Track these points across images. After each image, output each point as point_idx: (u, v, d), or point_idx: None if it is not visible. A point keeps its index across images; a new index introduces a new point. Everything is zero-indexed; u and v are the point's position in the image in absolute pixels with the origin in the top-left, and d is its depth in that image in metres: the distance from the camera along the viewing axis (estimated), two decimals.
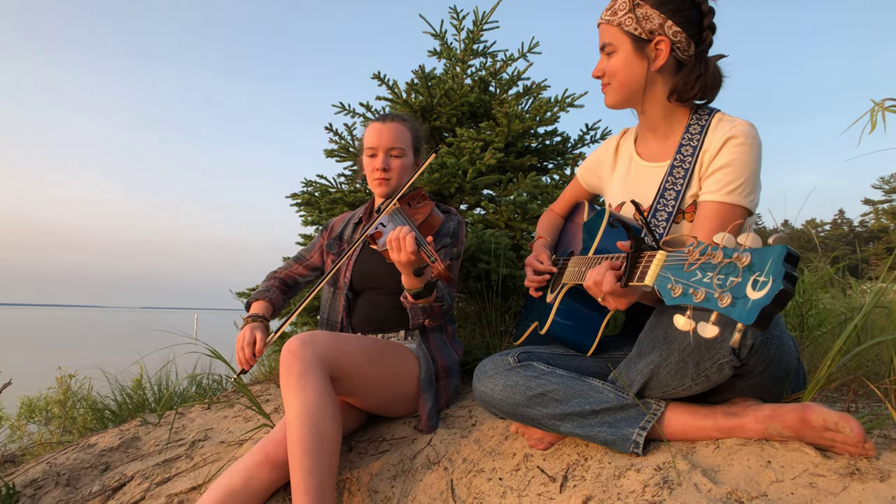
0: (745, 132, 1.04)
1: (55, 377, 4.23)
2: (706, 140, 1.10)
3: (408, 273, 1.31)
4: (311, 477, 1.10)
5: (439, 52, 3.00)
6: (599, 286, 0.88)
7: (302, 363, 1.19)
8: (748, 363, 0.86)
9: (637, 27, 1.09)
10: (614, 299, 0.90)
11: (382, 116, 1.64)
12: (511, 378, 1.11)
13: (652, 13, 1.08)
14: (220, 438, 1.81)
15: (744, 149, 1.04)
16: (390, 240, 1.26)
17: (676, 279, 0.68)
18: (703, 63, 1.11)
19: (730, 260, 0.61)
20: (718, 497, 0.77)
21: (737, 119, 1.09)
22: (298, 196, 2.79)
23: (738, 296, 0.59)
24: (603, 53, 1.16)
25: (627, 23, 1.10)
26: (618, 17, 1.11)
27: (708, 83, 1.11)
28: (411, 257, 1.24)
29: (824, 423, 0.80)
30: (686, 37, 1.09)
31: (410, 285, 1.35)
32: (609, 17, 1.13)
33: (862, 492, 0.71)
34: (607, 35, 1.14)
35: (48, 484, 1.72)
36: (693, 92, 1.11)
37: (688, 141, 1.13)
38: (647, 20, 1.09)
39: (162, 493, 1.48)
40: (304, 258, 1.76)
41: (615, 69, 1.14)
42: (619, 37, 1.12)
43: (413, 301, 1.38)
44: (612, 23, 1.12)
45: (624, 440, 0.97)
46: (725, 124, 1.09)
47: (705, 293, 0.62)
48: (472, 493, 1.13)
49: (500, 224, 2.29)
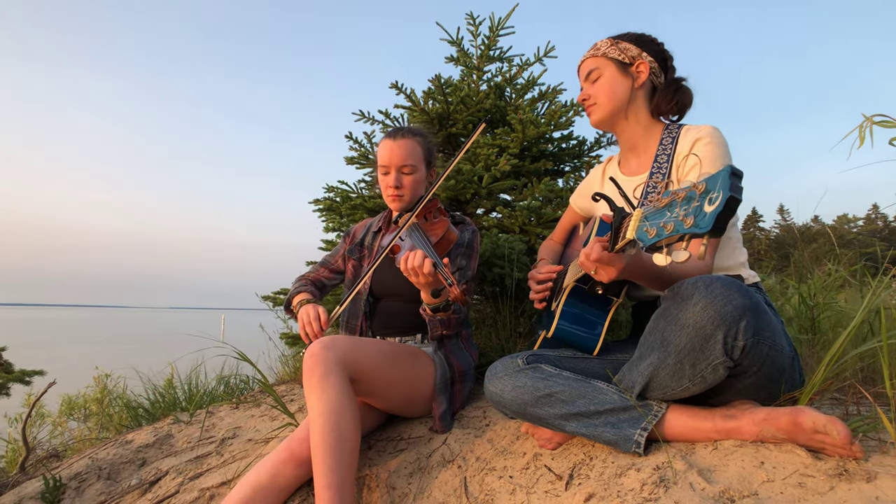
0: (709, 133, 1.20)
1: (93, 377, 4.42)
2: (678, 147, 1.24)
3: (424, 291, 1.39)
4: (333, 473, 1.17)
5: (456, 58, 3.07)
6: (589, 257, 0.95)
7: (323, 366, 1.26)
8: (742, 363, 0.90)
9: (620, 54, 1.30)
10: (603, 267, 0.96)
11: (394, 132, 1.68)
12: (520, 379, 1.16)
13: (630, 46, 1.31)
14: (248, 436, 1.91)
15: (710, 146, 1.18)
16: (404, 262, 1.32)
17: (651, 223, 0.77)
18: (675, 83, 1.32)
19: (688, 191, 0.72)
20: (711, 496, 0.81)
21: (701, 125, 1.24)
22: (321, 202, 2.89)
23: (698, 214, 0.69)
24: (587, 82, 1.34)
25: (611, 52, 1.30)
26: (601, 50, 1.32)
27: (685, 100, 1.32)
28: (428, 279, 1.32)
29: (814, 426, 0.83)
30: (658, 67, 1.32)
31: (429, 301, 1.42)
32: (593, 52, 1.34)
33: (848, 492, 0.75)
34: (592, 64, 1.33)
35: (91, 477, 1.84)
36: (671, 105, 1.29)
37: (662, 151, 1.26)
38: (628, 50, 1.31)
39: (195, 487, 1.58)
40: (329, 263, 1.85)
41: (600, 89, 1.31)
42: (604, 62, 1.31)
43: (431, 314, 1.46)
44: (596, 55, 1.33)
45: (626, 440, 1.02)
46: (692, 131, 1.23)
47: (674, 224, 0.72)
48: (484, 490, 1.19)
49: (515, 228, 2.34)
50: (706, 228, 0.67)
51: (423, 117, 2.68)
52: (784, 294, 1.92)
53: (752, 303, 0.87)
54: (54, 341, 25.46)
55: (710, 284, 0.89)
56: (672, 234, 0.72)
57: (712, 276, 0.91)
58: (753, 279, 1.26)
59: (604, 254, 0.92)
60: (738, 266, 1.25)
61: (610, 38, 1.34)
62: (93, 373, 4.72)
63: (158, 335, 33.10)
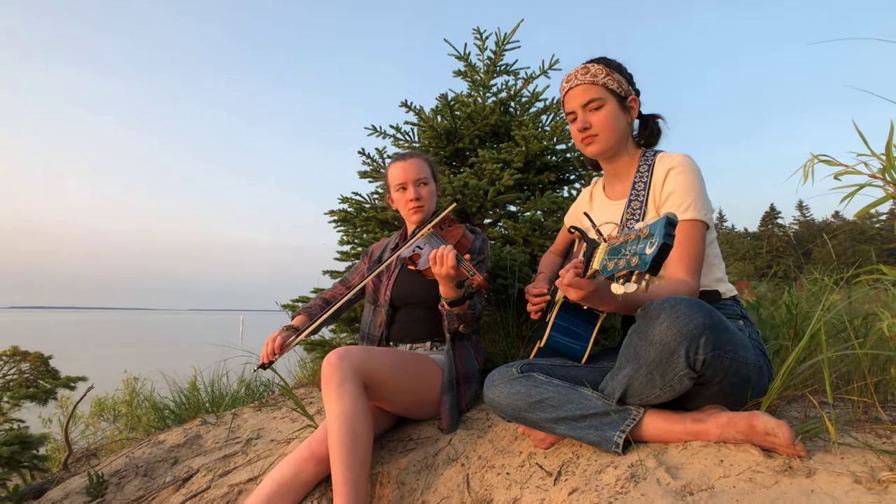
0: (681, 162, 1.30)
1: (122, 380, 4.65)
2: (654, 175, 1.35)
3: (446, 284, 1.55)
4: (349, 470, 1.31)
5: (463, 72, 3.20)
6: (562, 282, 1.08)
7: (340, 374, 1.41)
8: (705, 374, 1.02)
9: (619, 87, 1.36)
10: (574, 290, 1.07)
11: (401, 155, 1.88)
12: (514, 387, 1.29)
13: (622, 79, 1.39)
14: (271, 437, 2.07)
15: (683, 175, 1.29)
16: (433, 256, 1.50)
17: (610, 258, 0.92)
18: (652, 118, 1.47)
19: (637, 234, 0.86)
20: (674, 489, 0.93)
21: (674, 154, 1.36)
22: (336, 213, 3.04)
23: (642, 255, 0.82)
24: (585, 110, 1.39)
25: (610, 83, 1.36)
26: (599, 78, 1.36)
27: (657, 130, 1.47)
28: (451, 271, 1.49)
29: (765, 428, 0.95)
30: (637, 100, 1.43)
31: (447, 294, 1.58)
32: (591, 79, 1.37)
33: (789, 485, 0.87)
34: (592, 92, 1.37)
35: (129, 474, 2.02)
36: (655, 137, 1.45)
37: (639, 178, 1.37)
38: (621, 83, 1.37)
39: (224, 483, 1.74)
40: (347, 280, 2.02)
41: (605, 122, 1.37)
42: (605, 94, 1.37)
43: (449, 308, 1.61)
44: (595, 82, 1.37)
45: (607, 441, 1.14)
46: (666, 159, 1.34)
47: (625, 261, 0.86)
48: (484, 486, 1.32)
49: (519, 239, 2.47)
50: (645, 268, 0.80)
51: (431, 133, 2.83)
52: (774, 303, 2.01)
53: (712, 322, 0.99)
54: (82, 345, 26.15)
55: (675, 305, 1.01)
56: (623, 269, 0.85)
57: (678, 297, 1.03)
58: (731, 293, 1.38)
59: (575, 279, 1.04)
60: (715, 282, 1.36)
61: (602, 65, 1.38)
62: (119, 375, 4.96)
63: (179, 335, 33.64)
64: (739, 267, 32.72)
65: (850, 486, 0.82)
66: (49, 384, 2.20)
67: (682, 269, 1.24)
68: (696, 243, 1.25)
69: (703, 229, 1.26)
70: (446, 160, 3.02)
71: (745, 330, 1.29)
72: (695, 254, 1.25)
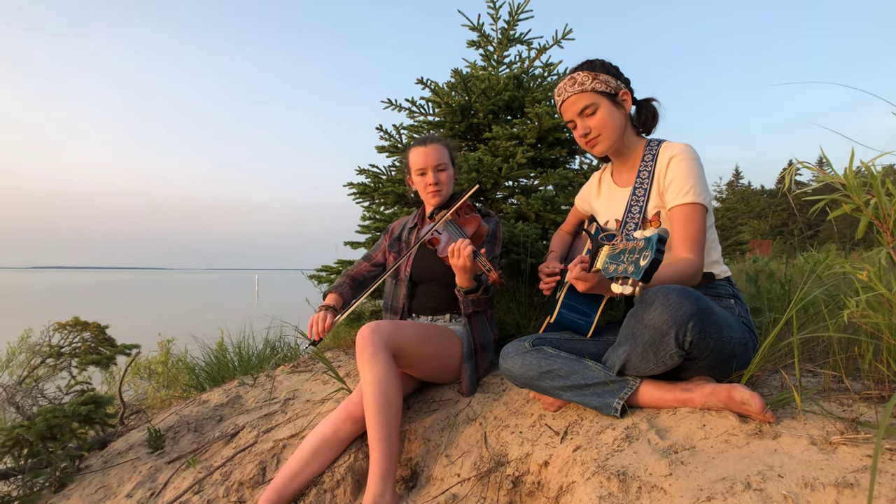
0: (682, 150, 1.43)
1: (156, 342, 4.95)
2: (657, 164, 1.47)
3: (462, 276, 1.70)
4: (382, 429, 1.51)
5: (477, 42, 3.24)
6: (570, 274, 1.25)
7: (372, 346, 1.59)
8: (692, 353, 1.18)
9: (607, 87, 1.48)
10: (581, 282, 1.25)
11: (422, 140, 2.00)
12: (527, 359, 1.47)
13: (609, 78, 1.49)
14: (306, 398, 2.29)
15: (684, 163, 1.41)
16: (451, 249, 1.65)
17: (611, 262, 1.07)
18: (647, 102, 1.57)
19: (633, 244, 1.01)
20: (661, 448, 1.11)
21: (676, 143, 1.48)
22: (355, 185, 3.17)
23: (636, 266, 0.97)
24: (582, 117, 1.51)
25: (598, 86, 1.47)
26: (587, 85, 1.48)
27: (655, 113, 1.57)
28: (467, 263, 1.63)
29: (741, 398, 1.12)
30: (630, 93, 1.53)
31: (463, 284, 1.74)
32: (578, 89, 1.48)
33: (757, 446, 1.04)
34: (583, 100, 1.49)
35: (182, 430, 2.27)
36: (652, 123, 1.57)
37: (643, 167, 1.50)
38: (609, 82, 1.48)
39: (269, 439, 1.97)
40: (371, 257, 2.19)
41: (603, 122, 1.49)
42: (596, 97, 1.49)
43: (464, 296, 1.77)
44: (584, 91, 1.48)
45: (608, 407, 1.32)
46: (668, 149, 1.46)
47: (624, 267, 1.01)
48: (500, 442, 1.52)
49: (531, 215, 2.61)
50: (638, 277, 0.95)
51: (446, 109, 2.92)
52: (771, 276, 2.15)
53: (699, 308, 1.14)
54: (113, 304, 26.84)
55: (667, 294, 1.16)
56: (621, 274, 1.00)
57: (671, 287, 1.17)
58: (724, 275, 1.52)
59: (582, 273, 1.21)
60: (711, 264, 1.50)
61: (586, 71, 1.49)
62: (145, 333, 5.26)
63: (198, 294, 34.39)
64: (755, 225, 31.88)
65: (805, 446, 0.99)
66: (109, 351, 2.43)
67: (686, 248, 1.38)
68: (698, 224, 1.39)
69: (702, 212, 1.40)
70: (461, 135, 3.12)
71: (736, 308, 1.45)
72: (697, 233, 1.39)
